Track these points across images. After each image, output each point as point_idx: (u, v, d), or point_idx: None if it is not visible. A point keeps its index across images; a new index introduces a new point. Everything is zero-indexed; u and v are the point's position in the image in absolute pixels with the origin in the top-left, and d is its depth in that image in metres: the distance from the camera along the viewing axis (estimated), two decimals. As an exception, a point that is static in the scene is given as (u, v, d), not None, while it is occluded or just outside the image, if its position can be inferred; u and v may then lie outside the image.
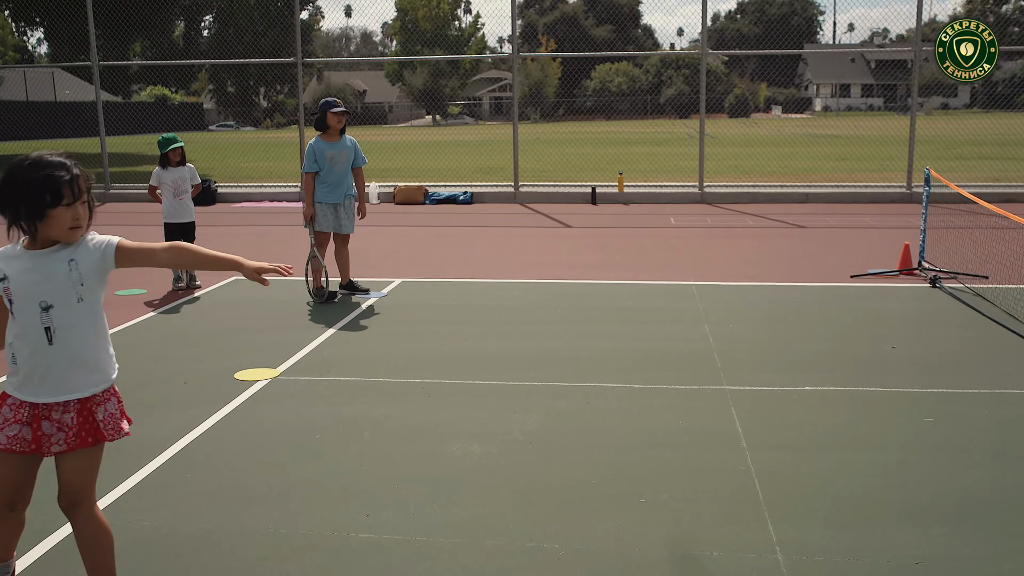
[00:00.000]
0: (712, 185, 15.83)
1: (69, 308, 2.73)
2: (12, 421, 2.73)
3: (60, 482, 2.81)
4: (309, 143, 7.58)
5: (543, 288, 8.20)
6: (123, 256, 2.79)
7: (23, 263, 2.70)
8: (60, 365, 2.73)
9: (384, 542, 3.44)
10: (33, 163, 2.66)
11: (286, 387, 5.35)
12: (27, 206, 2.64)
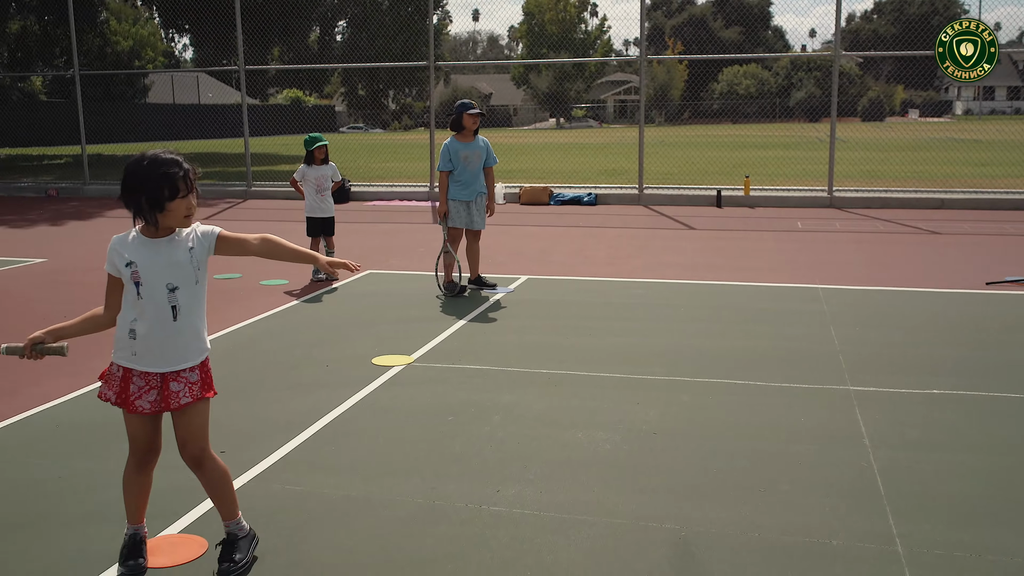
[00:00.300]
0: (842, 190, 15.52)
1: (190, 289, 3.11)
2: (147, 388, 3.11)
3: (183, 436, 3.18)
4: (444, 143, 7.91)
5: (665, 287, 8.31)
6: (223, 244, 3.17)
7: (148, 250, 3.07)
8: (183, 338, 3.11)
9: (514, 515, 3.67)
10: (151, 161, 3.01)
11: (420, 373, 5.66)
12: (149, 199, 3.00)
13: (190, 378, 3.14)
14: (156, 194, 2.99)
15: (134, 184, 3.02)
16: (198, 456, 3.22)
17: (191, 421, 3.18)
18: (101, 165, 24.41)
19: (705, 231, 12.31)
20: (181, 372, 3.12)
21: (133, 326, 3.09)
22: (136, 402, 3.10)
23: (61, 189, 19.13)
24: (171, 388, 3.12)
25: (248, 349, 6.30)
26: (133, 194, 3.03)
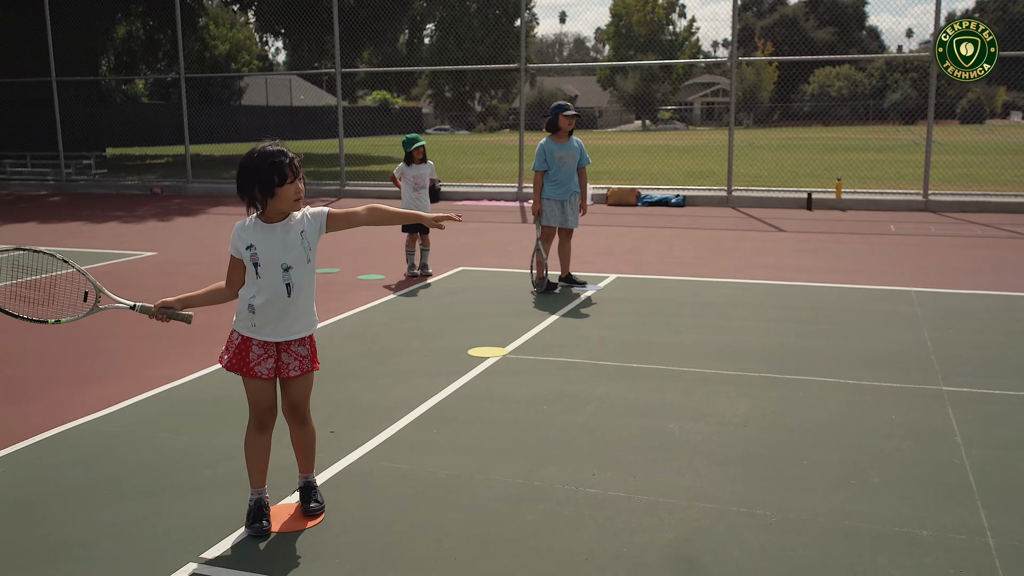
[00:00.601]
0: (938, 193, 15.20)
1: (302, 268, 3.47)
2: (265, 356, 3.49)
3: (294, 400, 3.60)
4: (539, 143, 8.11)
5: (756, 288, 8.35)
6: (333, 221, 3.51)
7: (266, 235, 3.42)
8: (294, 312, 3.48)
9: (609, 497, 3.83)
10: (260, 154, 3.36)
11: (515, 364, 5.87)
12: (261, 187, 3.34)
13: (300, 352, 3.54)
14: (267, 181, 3.33)
15: (247, 175, 3.37)
16: (304, 417, 3.66)
17: (301, 390, 3.61)
18: (200, 164, 25.35)
19: (795, 233, 12.24)
20: (292, 344, 3.50)
21: (252, 301, 3.46)
22: (255, 368, 3.49)
23: (165, 187, 19.96)
24: (283, 360, 3.51)
25: (350, 339, 6.59)
26: (247, 184, 3.37)
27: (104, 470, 4.17)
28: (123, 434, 4.65)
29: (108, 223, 14.26)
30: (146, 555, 3.35)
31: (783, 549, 3.36)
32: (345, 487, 3.96)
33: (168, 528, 3.57)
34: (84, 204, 17.56)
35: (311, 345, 3.59)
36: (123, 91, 57.24)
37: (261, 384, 3.53)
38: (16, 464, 4.26)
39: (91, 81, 28.64)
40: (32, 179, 22.12)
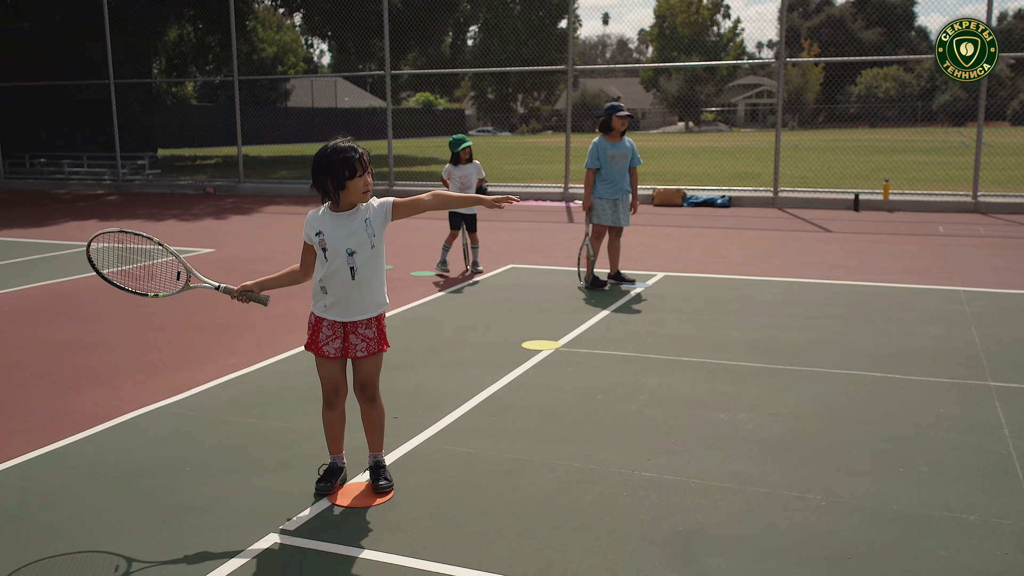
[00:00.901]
0: (987, 194, 15.11)
1: (365, 253, 3.71)
2: (332, 337, 3.77)
3: (362, 379, 3.86)
4: (593, 142, 8.29)
5: (803, 286, 8.45)
6: (399, 210, 3.78)
7: (333, 222, 3.70)
8: (359, 294, 3.73)
9: (663, 480, 4.00)
10: (333, 149, 3.64)
11: (568, 357, 6.05)
12: (333, 180, 3.61)
13: (367, 334, 3.78)
14: (338, 175, 3.59)
15: (321, 169, 3.64)
16: (372, 396, 3.91)
17: (368, 369, 3.86)
18: (250, 165, 25.86)
19: (842, 234, 12.28)
20: (359, 326, 3.75)
21: (322, 283, 3.75)
22: (324, 347, 3.78)
23: (217, 187, 20.43)
24: (350, 341, 3.77)
25: (407, 332, 6.82)
26: (320, 177, 3.64)
27: (187, 449, 4.43)
28: (200, 417, 4.91)
29: (166, 221, 14.69)
30: (234, 525, 3.59)
31: (833, 531, 3.51)
32: (410, 468, 4.17)
33: (251, 502, 3.81)
34: (141, 203, 18.06)
35: (378, 327, 3.81)
36: (173, 93, 58.38)
37: (329, 363, 3.81)
38: (109, 440, 4.54)
39: (144, 84, 29.35)
40: (89, 179, 22.74)
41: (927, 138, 41.36)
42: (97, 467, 4.22)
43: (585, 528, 3.55)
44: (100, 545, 3.43)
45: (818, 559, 3.29)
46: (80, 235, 12.78)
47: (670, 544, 3.41)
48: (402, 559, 3.31)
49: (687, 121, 72.15)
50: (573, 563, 3.27)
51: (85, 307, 7.84)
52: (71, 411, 5.04)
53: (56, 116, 27.48)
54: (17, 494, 3.93)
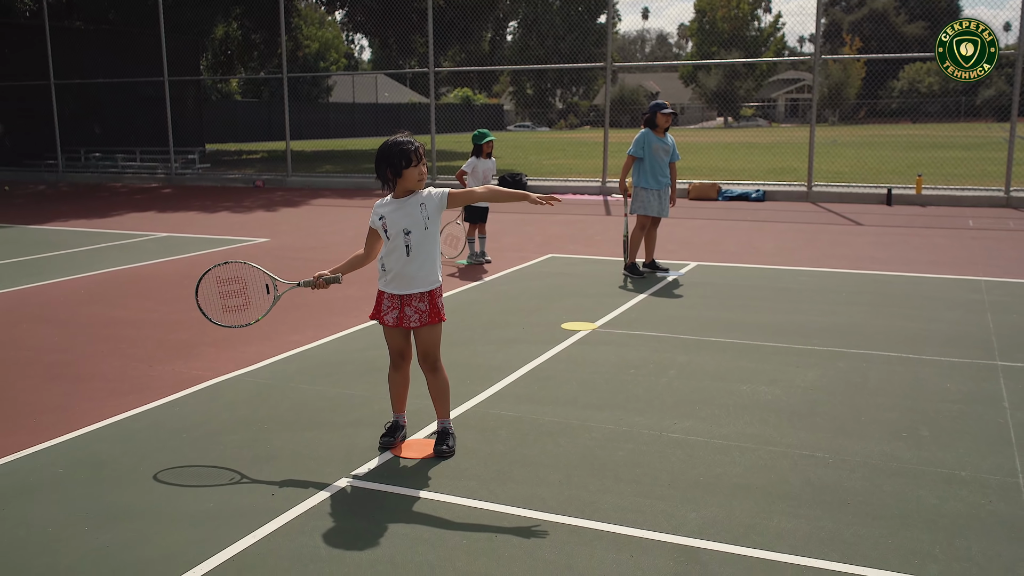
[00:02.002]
0: (1020, 189, 15.32)
1: (419, 233, 4.24)
2: (391, 308, 4.30)
3: (422, 349, 4.33)
4: (641, 132, 8.77)
5: (831, 276, 8.85)
6: (453, 199, 4.31)
7: (393, 207, 4.27)
8: (413, 270, 4.24)
9: (688, 440, 4.48)
10: (392, 142, 4.21)
11: (604, 337, 6.54)
12: (392, 169, 4.18)
13: (420, 307, 4.26)
14: (396, 165, 4.14)
15: (382, 159, 4.21)
16: (432, 364, 4.37)
17: (426, 339, 4.33)
18: (295, 159, 26.60)
19: (873, 227, 12.62)
20: (413, 299, 4.26)
21: (383, 261, 4.31)
22: (384, 316, 4.33)
23: (266, 180, 21.14)
24: (405, 312, 4.29)
25: (454, 314, 7.33)
26: (381, 166, 4.22)
27: (265, 410, 5.00)
28: (271, 385, 5.47)
29: (219, 212, 15.39)
30: (312, 472, 4.13)
31: (837, 482, 3.97)
32: (464, 427, 4.69)
33: (326, 452, 4.36)
34: (194, 195, 18.81)
35: (431, 302, 4.29)
36: (218, 90, 59.58)
37: (390, 330, 4.36)
38: (193, 403, 5.12)
39: (193, 81, 30.24)
40: (143, 172, 23.60)
41: (969, 134, 41.10)
42: (187, 424, 4.79)
43: (618, 477, 4.05)
44: (197, 485, 3.99)
45: (822, 504, 3.75)
46: (140, 225, 13.50)
47: (692, 490, 3.90)
48: (459, 499, 3.83)
49: (726, 116, 72.05)
50: (607, 504, 3.76)
51: (156, 291, 8.48)
52: (156, 379, 5.63)
53: (109, 112, 28.48)
54: (122, 444, 4.51)
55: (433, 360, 4.38)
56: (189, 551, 3.38)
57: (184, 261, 10.18)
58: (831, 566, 3.23)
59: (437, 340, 4.37)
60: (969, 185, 16.49)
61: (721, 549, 3.36)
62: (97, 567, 3.28)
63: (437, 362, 4.39)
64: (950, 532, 3.48)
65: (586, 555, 3.33)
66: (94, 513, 3.72)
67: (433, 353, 4.37)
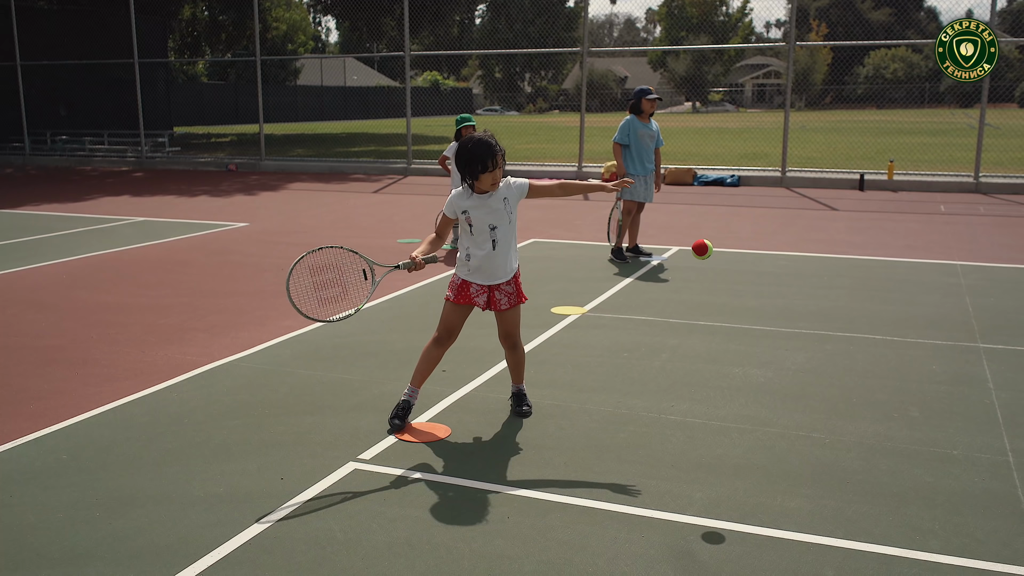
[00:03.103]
0: (989, 175, 15.60)
1: (504, 227, 4.36)
2: (480, 292, 4.45)
3: (506, 328, 4.55)
4: (626, 118, 8.83)
5: (810, 260, 8.99)
6: (533, 191, 4.42)
7: (475, 202, 4.36)
8: (499, 261, 4.38)
9: (687, 422, 4.57)
10: (478, 142, 4.25)
11: (594, 321, 6.62)
12: (471, 169, 4.27)
13: (508, 290, 4.46)
14: (476, 167, 4.25)
15: (465, 158, 4.27)
16: (514, 343, 4.61)
17: (510, 319, 4.54)
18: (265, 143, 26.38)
19: (848, 212, 12.80)
20: (502, 285, 4.43)
21: (468, 252, 4.44)
22: (475, 299, 4.45)
23: (239, 164, 20.96)
24: (495, 296, 4.45)
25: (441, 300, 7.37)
26: (464, 164, 4.30)
27: (264, 395, 5.01)
28: (268, 370, 5.49)
29: (198, 197, 15.27)
30: (319, 456, 4.17)
31: (835, 462, 4.08)
32: (464, 411, 4.74)
33: (330, 438, 4.39)
34: (168, 179, 18.63)
35: (516, 284, 4.48)
36: (184, 72, 58.81)
37: (455, 308, 4.48)
38: (191, 388, 5.13)
39: (161, 63, 29.82)
40: (112, 155, 23.29)
41: (934, 120, 41.69)
42: (186, 410, 4.80)
43: (621, 459, 4.12)
44: (204, 470, 4.01)
45: (822, 483, 3.86)
46: (117, 210, 13.36)
47: (695, 471, 3.99)
48: (468, 482, 3.89)
49: (694, 101, 72.36)
50: (614, 485, 3.84)
51: (140, 275, 8.42)
52: (150, 365, 5.62)
53: (76, 94, 28.04)
54: (124, 430, 4.52)
55: (515, 338, 4.59)
56: (205, 535, 3.41)
57: (165, 246, 10.12)
58: (837, 543, 3.33)
59: (519, 319, 4.57)
60: (939, 171, 16.77)
61: (729, 528, 3.45)
62: (115, 551, 3.30)
63: (518, 339, 4.60)
64: (947, 509, 3.60)
65: (598, 534, 3.40)
66: (104, 498, 3.73)
67: (515, 332, 4.57)
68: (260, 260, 9.14)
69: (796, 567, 3.16)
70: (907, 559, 3.21)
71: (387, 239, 10.44)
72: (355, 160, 21.32)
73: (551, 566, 3.18)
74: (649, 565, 3.18)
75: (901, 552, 3.25)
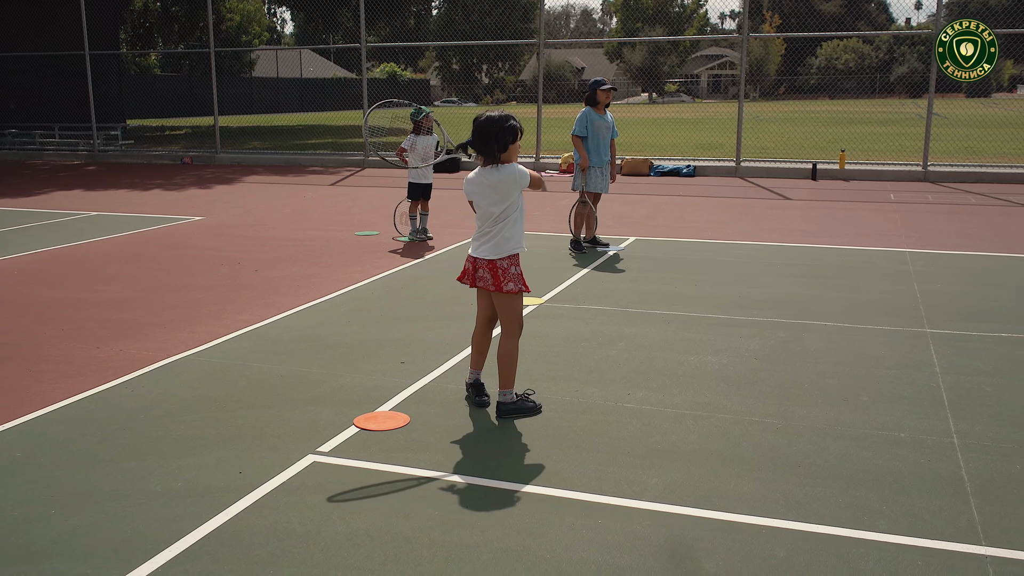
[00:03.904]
0: (937, 164, 15.92)
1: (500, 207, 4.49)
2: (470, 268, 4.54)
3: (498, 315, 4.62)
4: (582, 111, 8.86)
5: (764, 249, 9.13)
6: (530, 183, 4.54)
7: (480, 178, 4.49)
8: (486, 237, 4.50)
9: (643, 410, 4.64)
10: (500, 118, 4.37)
11: (551, 311, 6.67)
12: (499, 143, 4.36)
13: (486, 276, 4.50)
14: (506, 138, 4.36)
15: (486, 133, 4.35)
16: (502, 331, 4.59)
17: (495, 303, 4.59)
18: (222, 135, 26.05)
19: (801, 201, 13.00)
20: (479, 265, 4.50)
21: None
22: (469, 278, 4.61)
23: (194, 157, 20.71)
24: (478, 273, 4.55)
25: (404, 290, 7.40)
26: (482, 140, 4.37)
27: (222, 389, 5.00)
28: (226, 364, 5.46)
29: (152, 191, 15.07)
30: (278, 449, 4.17)
31: (787, 446, 4.17)
32: (423, 402, 4.77)
33: (289, 431, 4.39)
34: (122, 173, 18.35)
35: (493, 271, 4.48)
36: (136, 63, 57.82)
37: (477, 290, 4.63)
38: (147, 383, 5.09)
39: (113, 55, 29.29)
40: (64, 149, 22.88)
41: (884, 109, 42.38)
42: (143, 405, 4.77)
43: (579, 447, 4.18)
44: (162, 465, 4.00)
45: (774, 467, 3.94)
46: (69, 204, 13.16)
47: (651, 457, 4.05)
48: (427, 472, 3.91)
49: (650, 92, 72.78)
50: (571, 473, 3.89)
51: (94, 270, 8.32)
52: (106, 360, 5.57)
53: (25, 87, 27.45)
54: (79, 426, 4.48)
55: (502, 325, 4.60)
56: (163, 530, 3.40)
57: (119, 240, 9.99)
58: (788, 525, 3.41)
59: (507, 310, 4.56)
60: (889, 160, 17.07)
61: (684, 512, 3.52)
62: (71, 549, 3.28)
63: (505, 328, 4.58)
64: (895, 490, 3.70)
65: (556, 521, 3.45)
66: (60, 495, 3.71)
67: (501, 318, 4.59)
68: (216, 254, 9.07)
69: (748, 549, 3.24)
70: (855, 539, 3.30)
71: (345, 231, 10.40)
72: (312, 152, 21.16)
73: (509, 554, 3.22)
74: (605, 551, 3.24)
75: (850, 532, 3.35)
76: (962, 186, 14.59)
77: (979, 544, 3.26)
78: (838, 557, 3.18)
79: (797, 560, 3.16)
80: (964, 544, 3.26)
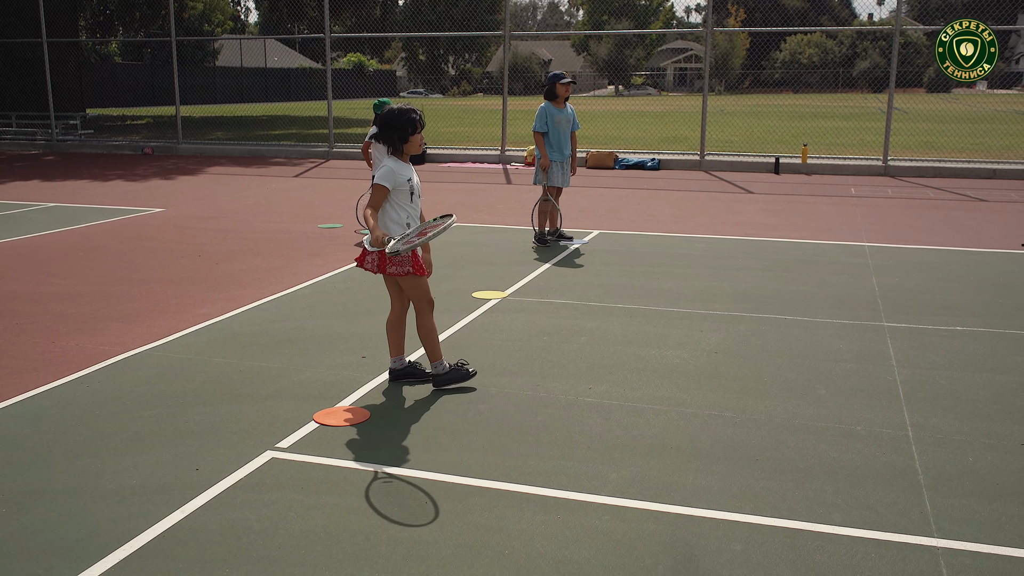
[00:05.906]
0: (897, 159, 16.12)
1: None
2: None
3: None
4: (540, 107, 8.85)
5: (726, 242, 9.19)
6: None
7: (410, 169, 4.65)
8: None
9: (604, 404, 4.66)
10: (400, 111, 4.54)
11: (515, 304, 6.67)
12: (399, 135, 4.52)
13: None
14: (405, 130, 4.57)
15: (391, 126, 4.56)
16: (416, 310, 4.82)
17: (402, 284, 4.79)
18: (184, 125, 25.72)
19: (763, 195, 13.10)
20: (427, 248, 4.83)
21: (407, 221, 4.71)
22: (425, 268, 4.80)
23: (155, 148, 20.43)
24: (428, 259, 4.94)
25: (364, 284, 7.35)
26: (389, 133, 4.58)
27: (179, 384, 4.94)
28: (183, 359, 5.40)
29: (112, 181, 14.84)
30: (235, 445, 4.13)
31: (745, 440, 4.21)
32: (384, 397, 4.75)
33: (247, 427, 4.35)
34: (81, 163, 18.06)
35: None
36: (97, 52, 56.92)
37: None
38: (103, 378, 5.01)
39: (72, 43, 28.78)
40: (21, 139, 22.46)
41: (847, 104, 42.84)
42: (99, 400, 4.70)
43: (539, 441, 4.18)
44: (117, 462, 3.94)
45: (733, 460, 3.98)
46: (26, 195, 12.92)
47: (611, 451, 4.07)
48: (386, 467, 3.90)
49: (616, 85, 72.94)
50: (531, 468, 3.90)
51: (50, 263, 8.18)
52: (61, 355, 5.48)
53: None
54: (32, 423, 4.40)
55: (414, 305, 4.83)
56: (117, 528, 3.36)
57: (77, 232, 9.83)
58: (744, 518, 3.44)
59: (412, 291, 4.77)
60: (850, 155, 17.26)
61: (642, 507, 3.54)
62: (22, 547, 3.23)
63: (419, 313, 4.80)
64: (850, 483, 3.75)
65: (515, 517, 3.45)
66: (11, 493, 3.65)
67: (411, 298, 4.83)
68: (176, 246, 8.95)
69: (706, 543, 3.26)
70: (811, 532, 3.34)
71: (308, 224, 10.31)
72: (276, 144, 20.97)
73: (468, 549, 3.22)
74: (564, 545, 3.24)
75: (805, 525, 3.38)
76: (921, 180, 14.79)
77: (931, 536, 3.31)
78: (794, 550, 3.21)
79: (753, 553, 3.19)
80: (917, 536, 3.31)
